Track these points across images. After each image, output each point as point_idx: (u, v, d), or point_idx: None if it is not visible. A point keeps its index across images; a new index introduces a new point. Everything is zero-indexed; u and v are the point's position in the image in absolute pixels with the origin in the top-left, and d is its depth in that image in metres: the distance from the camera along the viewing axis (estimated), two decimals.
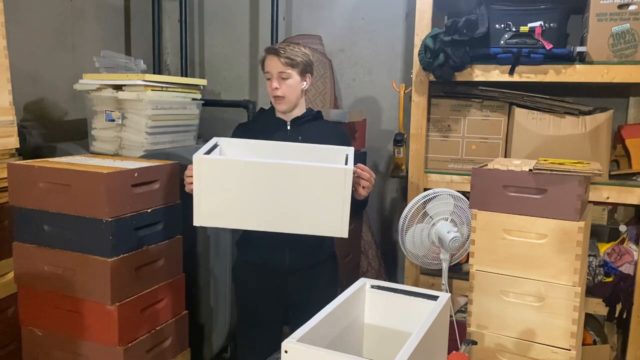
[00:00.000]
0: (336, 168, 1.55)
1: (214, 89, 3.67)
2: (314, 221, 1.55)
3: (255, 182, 1.56)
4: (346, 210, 1.54)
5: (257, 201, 1.56)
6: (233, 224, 1.60)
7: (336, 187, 1.54)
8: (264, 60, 1.90)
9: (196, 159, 1.57)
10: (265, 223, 1.57)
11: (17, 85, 2.24)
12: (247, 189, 1.56)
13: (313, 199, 1.54)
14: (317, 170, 1.55)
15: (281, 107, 1.89)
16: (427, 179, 2.58)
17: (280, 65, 1.84)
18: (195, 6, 3.72)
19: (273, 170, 1.55)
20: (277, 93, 1.86)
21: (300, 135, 1.89)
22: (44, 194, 1.88)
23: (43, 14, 2.89)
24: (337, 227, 1.55)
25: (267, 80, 1.89)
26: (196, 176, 1.57)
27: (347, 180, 1.53)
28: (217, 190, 1.57)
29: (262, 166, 1.56)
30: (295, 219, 1.55)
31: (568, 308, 1.82)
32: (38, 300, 1.95)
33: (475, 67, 2.39)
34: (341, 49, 3.35)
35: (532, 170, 1.83)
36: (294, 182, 1.55)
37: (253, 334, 1.96)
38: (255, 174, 1.56)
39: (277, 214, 1.56)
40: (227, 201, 1.57)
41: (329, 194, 1.54)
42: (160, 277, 2.02)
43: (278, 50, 1.85)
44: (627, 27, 2.19)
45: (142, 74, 2.41)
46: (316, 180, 1.54)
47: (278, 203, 1.56)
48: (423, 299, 1.32)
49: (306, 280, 1.92)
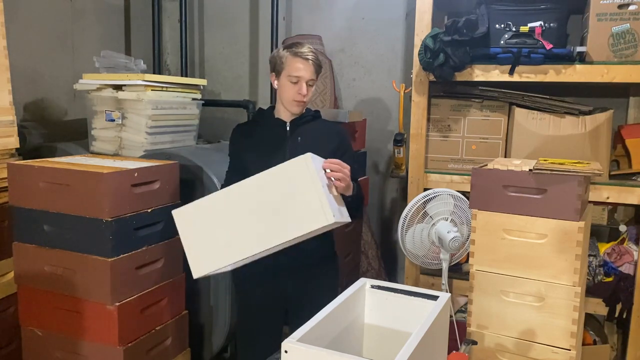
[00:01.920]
0: (295, 160, 1.54)
1: (214, 89, 3.67)
2: (298, 220, 1.52)
3: (231, 210, 1.58)
4: (322, 197, 1.51)
5: (240, 227, 1.56)
6: (228, 260, 1.58)
7: (303, 178, 1.52)
8: (285, 59, 1.83)
9: (174, 212, 1.64)
10: (256, 244, 1.55)
11: (17, 85, 2.24)
12: (226, 220, 1.58)
13: (288, 200, 1.53)
14: (280, 170, 1.55)
15: (298, 110, 1.88)
16: (427, 179, 2.58)
17: (312, 72, 1.83)
18: (195, 6, 3.72)
19: (242, 191, 1.58)
20: (304, 99, 1.84)
21: (300, 136, 1.89)
22: (44, 194, 1.88)
23: (43, 14, 2.89)
24: (320, 216, 1.50)
25: (290, 83, 1.83)
26: (180, 231, 1.63)
27: (310, 167, 1.52)
28: (202, 234, 1.61)
29: (230, 192, 1.59)
30: (281, 226, 1.53)
31: (568, 308, 1.82)
32: (38, 300, 1.95)
33: (475, 67, 2.39)
34: (341, 49, 3.35)
35: (532, 170, 1.83)
36: (264, 193, 1.55)
37: (253, 334, 1.96)
38: (228, 202, 1.59)
39: (261, 230, 1.55)
40: (215, 240, 1.59)
41: (300, 188, 1.52)
42: (160, 277, 2.02)
43: (308, 55, 1.81)
44: (627, 27, 2.19)
45: (142, 74, 2.41)
46: (283, 181, 1.54)
47: (259, 219, 1.55)
48: (423, 299, 1.32)
49: (306, 280, 1.92)
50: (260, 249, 1.54)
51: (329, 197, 1.55)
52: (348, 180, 1.66)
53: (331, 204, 1.53)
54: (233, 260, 1.57)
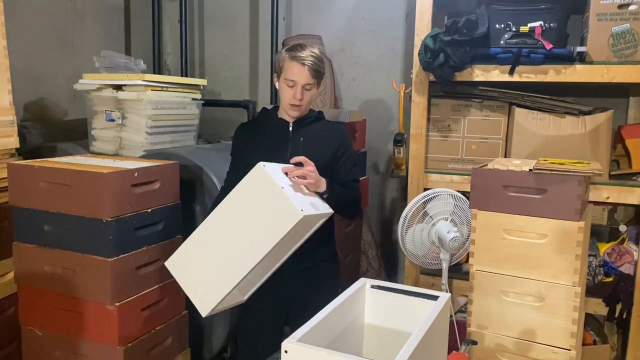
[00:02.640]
0: (250, 173, 1.60)
1: (214, 89, 3.67)
2: (274, 225, 1.56)
3: (213, 240, 1.64)
4: (285, 197, 1.56)
5: (227, 252, 1.61)
6: (227, 287, 1.61)
7: (263, 186, 1.58)
8: (284, 62, 1.83)
9: (167, 264, 1.72)
10: (247, 263, 1.58)
11: (17, 85, 2.24)
12: (213, 252, 1.63)
13: (258, 211, 1.59)
14: (241, 187, 1.62)
15: (295, 114, 1.88)
16: (427, 179, 2.58)
17: (309, 77, 1.82)
18: (195, 6, 3.72)
19: (216, 218, 1.64)
20: (299, 103, 1.84)
21: (302, 137, 1.89)
22: (44, 194, 1.87)
23: (43, 14, 2.89)
24: (290, 214, 1.55)
25: (287, 86, 1.83)
26: (177, 278, 1.69)
27: (266, 175, 1.58)
28: (196, 273, 1.66)
29: (207, 223, 1.66)
30: (262, 237, 1.57)
31: (568, 308, 1.82)
32: (38, 300, 1.95)
33: (475, 67, 2.39)
34: (341, 49, 3.35)
35: (532, 170, 1.83)
36: (237, 213, 1.61)
37: (253, 334, 1.96)
38: (209, 234, 1.65)
39: (246, 247, 1.59)
40: (209, 274, 1.64)
41: (264, 196, 1.58)
42: (160, 277, 2.02)
43: (306, 60, 1.80)
44: (627, 27, 2.19)
45: (142, 74, 2.41)
46: (247, 196, 1.60)
47: (241, 238, 1.60)
48: (423, 299, 1.32)
49: (306, 280, 1.92)
50: (251, 266, 1.58)
51: (295, 195, 1.61)
52: (313, 175, 1.69)
53: (298, 201, 1.59)
54: (231, 286, 1.61)
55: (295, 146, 1.87)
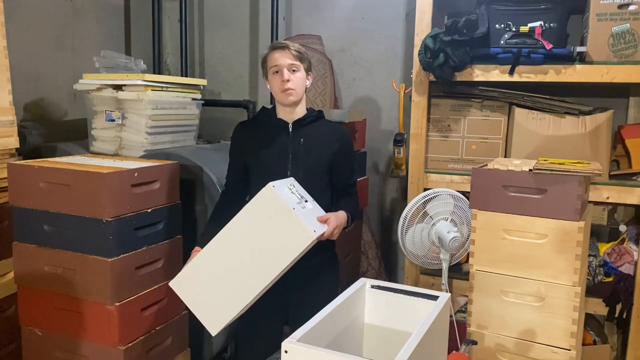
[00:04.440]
0: (259, 194, 1.59)
1: (214, 89, 3.67)
2: (285, 247, 1.57)
3: (221, 261, 1.63)
4: (296, 218, 1.56)
5: (236, 274, 1.61)
6: (238, 307, 1.62)
7: (273, 208, 1.57)
8: (267, 57, 1.87)
9: (171, 284, 1.72)
10: (257, 284, 1.59)
11: (17, 85, 2.24)
12: (221, 273, 1.63)
13: (268, 232, 1.58)
14: (251, 207, 1.61)
15: (290, 99, 1.84)
16: (427, 179, 2.58)
17: (291, 57, 1.83)
18: (195, 6, 3.72)
19: (224, 240, 1.63)
20: (289, 85, 1.82)
21: (302, 137, 1.87)
22: (44, 194, 1.88)
23: (43, 14, 2.89)
24: (303, 236, 1.56)
25: (274, 74, 1.84)
26: (183, 298, 1.70)
27: (275, 196, 1.57)
28: (204, 294, 1.66)
29: (214, 245, 1.65)
30: (272, 259, 1.58)
31: (568, 308, 1.82)
32: (38, 300, 1.95)
33: (475, 67, 2.39)
34: (341, 49, 3.35)
35: (532, 170, 1.83)
36: (246, 234, 1.61)
37: (253, 334, 1.96)
38: (216, 255, 1.64)
39: (256, 269, 1.59)
40: (217, 295, 1.64)
41: (274, 218, 1.57)
42: (160, 277, 2.02)
43: (286, 44, 1.85)
44: (627, 27, 2.19)
45: (142, 74, 2.41)
46: (257, 217, 1.60)
47: (251, 260, 1.60)
48: (423, 299, 1.32)
49: (306, 280, 1.91)
50: (262, 286, 1.59)
51: (303, 214, 1.60)
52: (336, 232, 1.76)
53: (308, 220, 1.58)
54: (242, 306, 1.62)
55: (296, 148, 1.86)
